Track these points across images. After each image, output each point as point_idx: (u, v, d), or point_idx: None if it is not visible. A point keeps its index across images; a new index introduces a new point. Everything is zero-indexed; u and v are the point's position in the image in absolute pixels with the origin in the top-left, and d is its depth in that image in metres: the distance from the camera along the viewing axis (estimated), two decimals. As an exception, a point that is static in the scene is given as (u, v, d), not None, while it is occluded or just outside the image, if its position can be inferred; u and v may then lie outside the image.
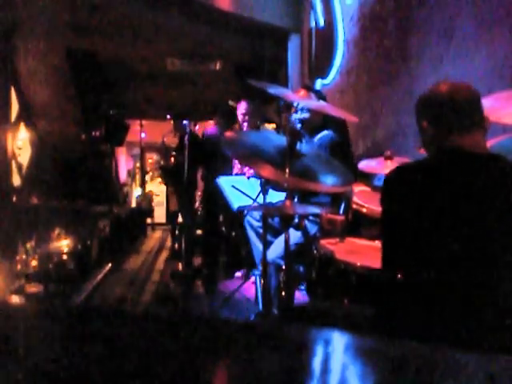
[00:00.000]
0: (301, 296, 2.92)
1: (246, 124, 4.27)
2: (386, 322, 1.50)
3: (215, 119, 5.33)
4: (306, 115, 3.14)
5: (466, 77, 2.86)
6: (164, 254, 6.75)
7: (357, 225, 2.70)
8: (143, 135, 11.55)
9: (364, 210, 2.66)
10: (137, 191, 12.04)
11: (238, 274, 4.57)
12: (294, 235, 2.82)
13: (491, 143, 1.89)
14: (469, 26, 2.95)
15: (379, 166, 2.75)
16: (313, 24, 5.55)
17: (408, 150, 3.36)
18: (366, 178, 3.03)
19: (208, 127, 5.61)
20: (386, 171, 2.54)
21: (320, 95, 3.21)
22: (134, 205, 11.39)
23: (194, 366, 0.58)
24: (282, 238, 2.74)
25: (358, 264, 2.03)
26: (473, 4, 2.91)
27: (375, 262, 1.83)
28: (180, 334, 0.71)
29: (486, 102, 1.63)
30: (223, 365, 0.62)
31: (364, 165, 2.84)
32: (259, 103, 4.45)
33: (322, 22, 5.34)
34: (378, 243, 2.29)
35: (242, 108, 4.33)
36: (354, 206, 2.70)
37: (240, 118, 4.33)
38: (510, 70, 2.56)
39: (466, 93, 1.53)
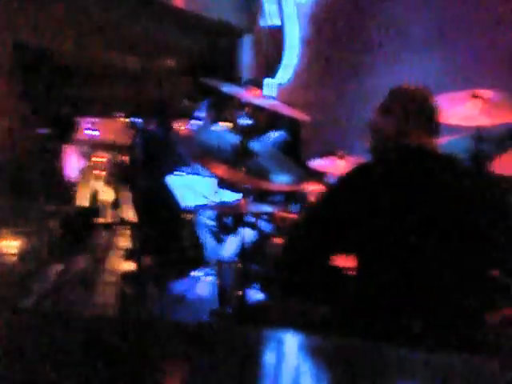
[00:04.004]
0: (254, 295, 2.92)
1: (197, 123, 4.24)
2: (340, 320, 1.51)
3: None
4: (247, 122, 3.06)
5: (421, 77, 2.92)
6: (115, 255, 6.63)
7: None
8: (94, 133, 11.31)
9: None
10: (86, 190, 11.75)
11: (192, 273, 4.53)
12: (248, 234, 2.82)
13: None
14: (424, 29, 3.02)
15: (331, 165, 2.79)
16: (266, 23, 5.56)
17: (361, 148, 3.41)
18: (319, 176, 3.06)
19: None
20: (338, 170, 2.59)
21: None
22: (83, 204, 11.13)
23: (147, 368, 0.57)
24: (235, 236, 2.74)
25: (311, 262, 2.04)
26: (428, 8, 2.99)
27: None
28: (131, 335, 0.69)
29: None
30: (175, 366, 0.61)
31: (316, 164, 2.87)
32: (214, 102, 4.43)
33: (275, 21, 5.35)
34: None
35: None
36: (307, 205, 2.72)
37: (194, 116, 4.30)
38: (462, 72, 2.64)
39: (410, 95, 1.57)
